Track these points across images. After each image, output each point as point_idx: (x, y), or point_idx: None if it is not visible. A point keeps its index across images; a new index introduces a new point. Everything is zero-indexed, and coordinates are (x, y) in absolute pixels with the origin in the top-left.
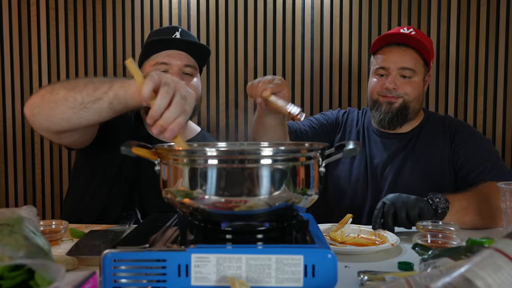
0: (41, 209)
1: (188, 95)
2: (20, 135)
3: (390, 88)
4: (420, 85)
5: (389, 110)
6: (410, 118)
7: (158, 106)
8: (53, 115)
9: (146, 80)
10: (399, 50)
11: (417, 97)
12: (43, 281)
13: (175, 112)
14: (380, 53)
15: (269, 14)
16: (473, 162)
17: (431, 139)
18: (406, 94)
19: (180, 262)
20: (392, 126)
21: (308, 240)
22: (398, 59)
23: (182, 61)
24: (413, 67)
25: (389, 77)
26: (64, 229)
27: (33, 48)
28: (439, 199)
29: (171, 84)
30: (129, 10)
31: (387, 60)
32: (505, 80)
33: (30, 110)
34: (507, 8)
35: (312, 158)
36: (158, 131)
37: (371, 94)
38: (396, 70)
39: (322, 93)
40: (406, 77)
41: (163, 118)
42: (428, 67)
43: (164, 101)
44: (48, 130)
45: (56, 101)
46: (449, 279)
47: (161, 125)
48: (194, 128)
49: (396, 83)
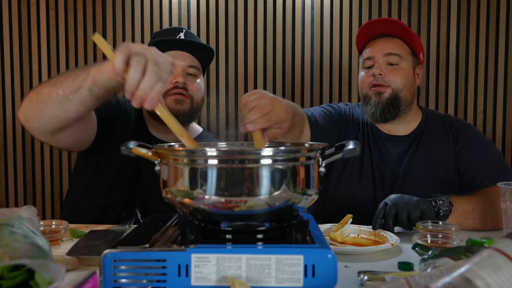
0: (41, 209)
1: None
2: (20, 135)
3: (376, 74)
4: (409, 73)
5: (379, 101)
6: (404, 111)
7: (132, 77)
8: (43, 115)
9: (116, 52)
10: (383, 40)
11: (406, 86)
12: (43, 281)
13: (151, 81)
14: (365, 48)
15: (269, 14)
16: (477, 167)
17: (435, 140)
18: (394, 82)
19: (180, 262)
20: (385, 118)
21: (308, 240)
22: (382, 47)
23: (186, 62)
24: (399, 53)
25: (376, 65)
26: (64, 229)
27: (33, 48)
28: (442, 201)
29: (142, 53)
30: (129, 10)
31: (372, 49)
32: (505, 80)
33: (23, 115)
34: (507, 8)
35: (312, 158)
36: (138, 102)
37: (361, 89)
38: (382, 57)
39: (322, 93)
40: (393, 64)
41: (140, 89)
42: (418, 59)
43: (137, 72)
44: (42, 132)
45: (42, 100)
46: (449, 279)
47: (140, 96)
48: (196, 129)
49: (382, 70)
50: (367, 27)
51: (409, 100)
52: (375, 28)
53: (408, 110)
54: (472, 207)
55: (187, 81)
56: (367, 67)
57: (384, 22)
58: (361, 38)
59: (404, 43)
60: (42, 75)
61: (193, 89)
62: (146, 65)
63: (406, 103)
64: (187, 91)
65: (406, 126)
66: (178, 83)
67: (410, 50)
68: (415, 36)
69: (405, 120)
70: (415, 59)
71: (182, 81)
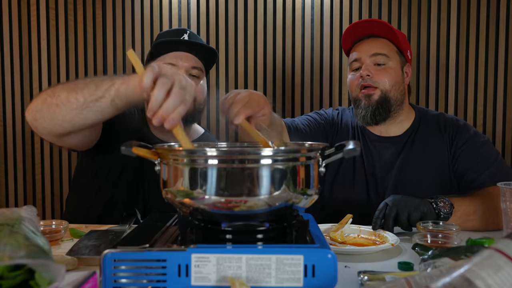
0: (41, 209)
1: (187, 85)
2: (20, 135)
3: (364, 75)
4: (397, 72)
5: (369, 103)
6: (395, 111)
7: (156, 96)
8: (56, 118)
9: (147, 70)
10: (369, 41)
11: (395, 85)
12: (43, 281)
13: (175, 102)
14: (352, 50)
15: (269, 14)
16: (475, 170)
17: (429, 139)
18: (382, 82)
19: (180, 262)
20: (376, 121)
21: (308, 240)
22: (368, 48)
23: (189, 63)
24: (386, 53)
25: (363, 66)
26: (64, 229)
27: (33, 48)
28: (443, 203)
29: (170, 74)
30: (129, 10)
31: (359, 51)
32: (505, 80)
33: (32, 115)
34: (507, 8)
35: (312, 158)
36: (158, 121)
37: (351, 91)
38: (369, 58)
39: (322, 93)
40: (380, 64)
41: (163, 108)
42: (405, 57)
43: (162, 91)
44: (51, 134)
45: (58, 103)
46: (449, 279)
47: (161, 115)
48: (198, 130)
49: (370, 70)
50: (351, 29)
51: (400, 99)
52: (360, 29)
53: (399, 109)
54: (473, 208)
55: None
56: (355, 69)
57: (368, 23)
58: (346, 41)
59: (390, 42)
60: (42, 75)
61: (196, 91)
62: (172, 87)
63: (397, 103)
64: None
65: (398, 126)
66: None
67: (396, 49)
68: (400, 34)
69: (397, 120)
70: (403, 57)
71: None
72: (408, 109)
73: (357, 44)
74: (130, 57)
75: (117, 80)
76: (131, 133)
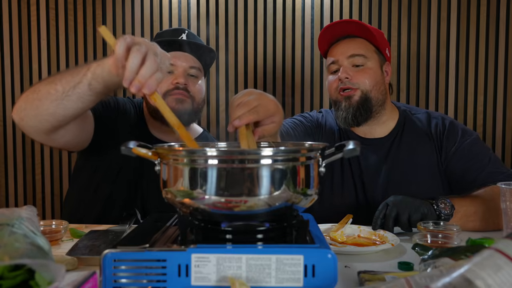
0: (41, 209)
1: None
2: (20, 135)
3: (342, 78)
4: (376, 73)
5: (349, 105)
6: (377, 111)
7: (131, 63)
8: (40, 114)
9: (118, 40)
10: (345, 41)
11: (375, 85)
12: (43, 281)
13: (151, 67)
14: (328, 52)
15: (269, 14)
16: (474, 169)
17: (414, 142)
18: (362, 83)
19: (180, 262)
20: (357, 122)
21: (308, 240)
22: (345, 49)
23: (187, 63)
24: (363, 53)
25: (341, 68)
26: (64, 229)
27: (33, 48)
28: (444, 204)
29: (142, 42)
30: (129, 10)
31: (336, 53)
32: (505, 80)
33: (18, 114)
34: (507, 8)
35: (312, 158)
36: (136, 88)
37: (330, 94)
38: (346, 59)
39: (322, 93)
40: (358, 66)
41: (140, 74)
42: (384, 56)
43: (137, 58)
44: (38, 131)
45: (40, 98)
46: (449, 279)
47: (138, 81)
48: (196, 129)
49: (348, 73)
50: (327, 31)
51: (381, 99)
52: (336, 30)
53: (381, 109)
54: (473, 209)
55: (188, 82)
56: (333, 71)
57: (343, 23)
58: (322, 43)
59: (367, 41)
60: (42, 74)
61: (194, 90)
62: (146, 54)
63: (378, 103)
64: (188, 92)
65: (382, 127)
66: (179, 84)
67: (374, 48)
68: (378, 33)
69: (380, 121)
70: (381, 56)
71: (183, 82)
72: (391, 108)
73: (334, 45)
74: (103, 33)
75: (93, 64)
76: (128, 133)
